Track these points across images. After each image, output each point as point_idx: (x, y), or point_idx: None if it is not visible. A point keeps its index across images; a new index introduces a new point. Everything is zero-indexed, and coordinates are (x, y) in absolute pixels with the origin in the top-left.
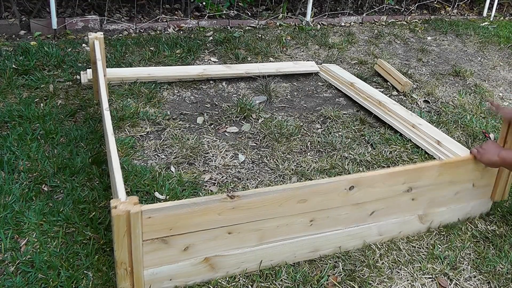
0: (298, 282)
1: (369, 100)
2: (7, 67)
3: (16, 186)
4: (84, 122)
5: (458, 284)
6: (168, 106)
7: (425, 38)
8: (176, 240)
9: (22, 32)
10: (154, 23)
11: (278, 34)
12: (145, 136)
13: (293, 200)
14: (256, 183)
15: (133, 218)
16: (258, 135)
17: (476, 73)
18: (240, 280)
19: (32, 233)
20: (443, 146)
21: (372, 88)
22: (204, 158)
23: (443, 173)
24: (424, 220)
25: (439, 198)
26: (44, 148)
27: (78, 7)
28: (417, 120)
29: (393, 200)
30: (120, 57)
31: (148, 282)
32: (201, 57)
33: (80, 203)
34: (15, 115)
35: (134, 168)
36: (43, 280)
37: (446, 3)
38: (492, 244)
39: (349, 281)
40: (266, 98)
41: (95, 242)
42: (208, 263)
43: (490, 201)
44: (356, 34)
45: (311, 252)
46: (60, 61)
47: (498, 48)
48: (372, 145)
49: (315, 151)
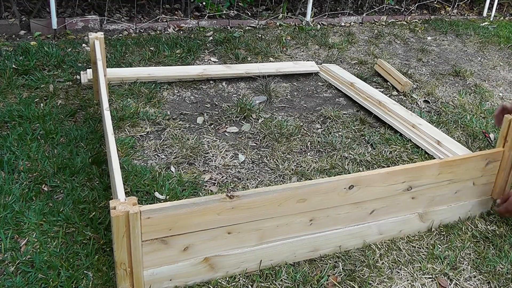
0: (298, 282)
1: (369, 100)
2: (7, 67)
3: (16, 186)
4: (84, 122)
5: (458, 284)
6: (168, 106)
7: (425, 38)
8: (175, 240)
9: (22, 32)
10: (154, 23)
11: (278, 34)
12: (145, 136)
13: (292, 200)
14: (256, 183)
15: (132, 218)
16: (258, 135)
17: (476, 73)
18: (240, 280)
19: (32, 233)
20: (443, 146)
21: (372, 88)
22: (204, 158)
23: (443, 172)
24: (425, 219)
25: (439, 197)
26: (44, 148)
27: (78, 7)
28: (417, 120)
29: (393, 199)
30: (120, 57)
31: (148, 282)
32: (201, 57)
33: (80, 203)
34: (15, 115)
35: (134, 168)
36: (43, 280)
37: (446, 3)
38: (492, 244)
39: (349, 281)
40: (266, 98)
41: (95, 242)
42: (208, 263)
43: (491, 199)
44: (356, 34)
45: (311, 251)
46: (60, 61)
47: (498, 48)
48: (372, 145)
49: (315, 151)
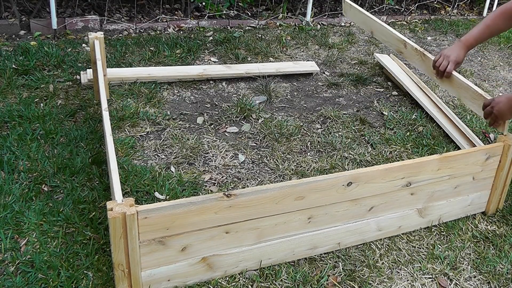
0: (298, 282)
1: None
2: (7, 67)
3: (16, 186)
4: (84, 122)
5: (458, 284)
6: (168, 106)
7: (425, 38)
8: (173, 240)
9: (22, 32)
10: (154, 23)
11: (278, 34)
12: (145, 136)
13: (290, 198)
14: (256, 183)
15: (129, 220)
16: (258, 135)
17: (476, 73)
18: (240, 280)
19: (32, 233)
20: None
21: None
22: (204, 158)
23: (442, 167)
24: (424, 214)
25: (438, 192)
26: (44, 148)
27: (78, 7)
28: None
29: (391, 195)
30: (120, 57)
31: (146, 283)
32: (201, 57)
33: (80, 203)
34: (15, 115)
35: (134, 168)
36: (43, 280)
37: (446, 3)
38: (492, 244)
39: (349, 281)
40: (266, 98)
41: (95, 242)
42: (206, 263)
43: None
44: (356, 34)
45: (310, 249)
46: (60, 61)
47: (498, 48)
48: (372, 145)
49: (315, 151)
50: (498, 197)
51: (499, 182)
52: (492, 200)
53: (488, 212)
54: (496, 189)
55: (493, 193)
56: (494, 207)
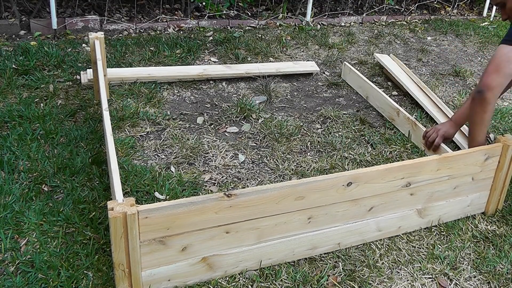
0: (298, 282)
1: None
2: (7, 67)
3: (16, 186)
4: (84, 122)
5: (458, 284)
6: (168, 106)
7: (425, 38)
8: (173, 240)
9: (22, 32)
10: (154, 23)
11: (278, 34)
12: (145, 136)
13: (290, 198)
14: (256, 183)
15: (129, 219)
16: (258, 135)
17: (476, 73)
18: (240, 280)
19: (32, 233)
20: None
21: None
22: (204, 158)
23: (442, 168)
24: (423, 215)
25: (438, 192)
26: (44, 148)
27: (78, 7)
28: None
29: (391, 195)
30: (120, 57)
31: (147, 283)
32: (201, 57)
33: (80, 203)
34: (15, 115)
35: (134, 168)
36: (43, 280)
37: (446, 3)
38: (492, 244)
39: (349, 281)
40: (266, 98)
41: (95, 242)
42: (206, 263)
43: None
44: (356, 34)
45: (310, 249)
46: (60, 61)
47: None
48: (372, 145)
49: (315, 151)
50: (497, 198)
51: (499, 183)
52: (492, 200)
53: (488, 212)
54: (496, 189)
55: (492, 193)
56: (494, 207)
